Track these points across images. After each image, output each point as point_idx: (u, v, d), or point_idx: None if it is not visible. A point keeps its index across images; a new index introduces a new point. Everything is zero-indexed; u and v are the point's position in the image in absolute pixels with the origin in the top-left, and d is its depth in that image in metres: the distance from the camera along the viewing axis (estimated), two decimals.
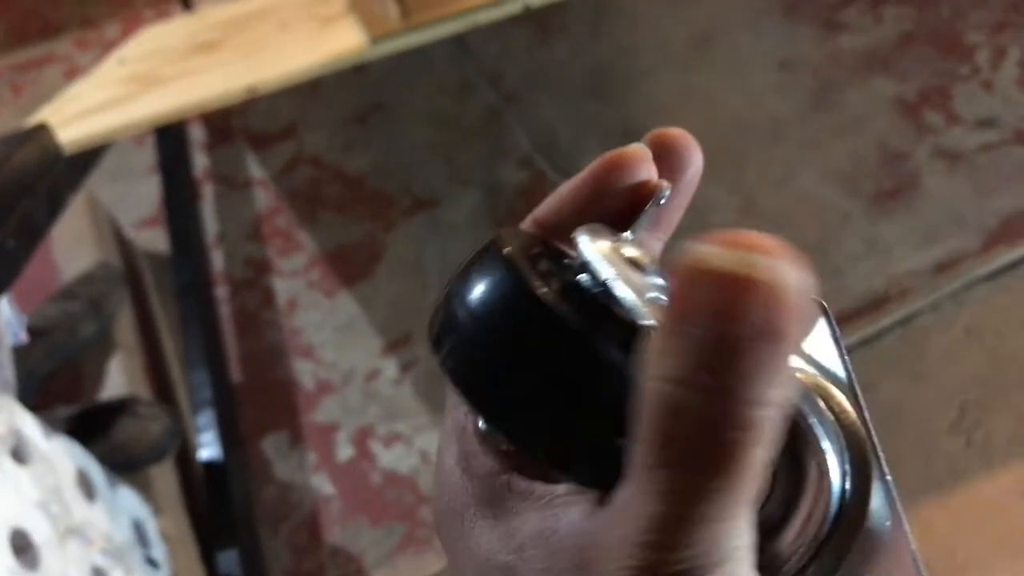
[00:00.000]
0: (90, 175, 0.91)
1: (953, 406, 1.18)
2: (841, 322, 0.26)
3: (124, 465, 1.04)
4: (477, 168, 1.62)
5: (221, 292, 1.52)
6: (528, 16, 1.09)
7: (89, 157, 0.92)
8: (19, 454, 0.82)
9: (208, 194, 1.70)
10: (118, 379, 1.19)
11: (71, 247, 1.37)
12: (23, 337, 0.88)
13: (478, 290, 0.22)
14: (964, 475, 1.13)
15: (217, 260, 1.58)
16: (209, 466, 1.16)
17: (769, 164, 1.49)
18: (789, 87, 1.60)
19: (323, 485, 1.25)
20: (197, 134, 1.81)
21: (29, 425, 0.86)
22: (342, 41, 0.92)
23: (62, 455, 0.89)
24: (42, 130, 0.85)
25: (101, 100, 1.05)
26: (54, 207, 0.80)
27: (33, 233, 0.72)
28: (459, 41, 1.83)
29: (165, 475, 1.14)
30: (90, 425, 1.05)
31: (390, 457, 1.26)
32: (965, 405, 1.18)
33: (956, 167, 1.42)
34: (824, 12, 1.68)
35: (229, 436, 1.20)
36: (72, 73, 2.17)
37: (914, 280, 1.31)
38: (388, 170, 1.67)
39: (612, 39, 1.77)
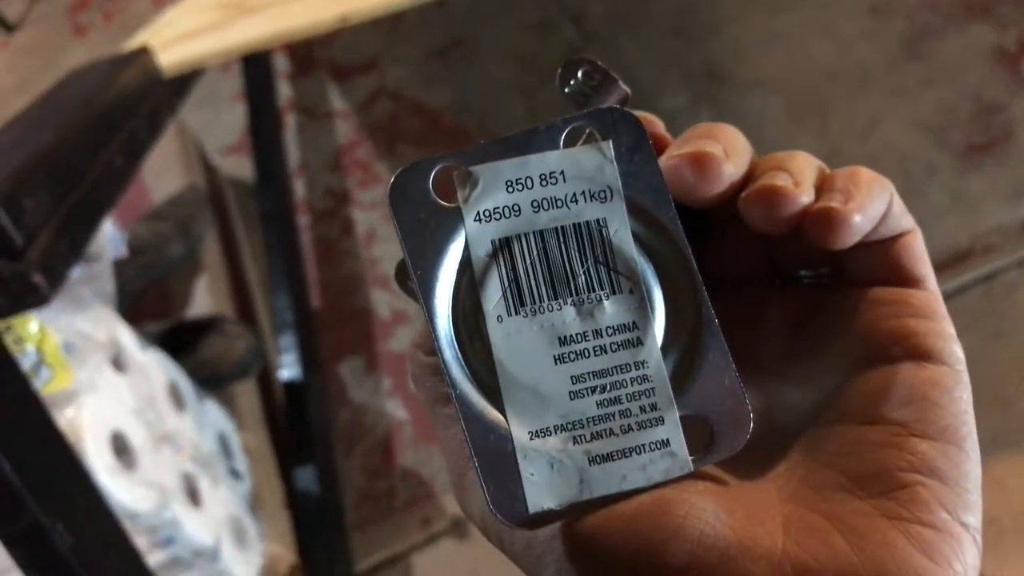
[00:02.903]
0: (186, 99, 0.94)
1: None
2: None
3: (210, 381, 1.09)
4: (557, 109, 1.61)
5: (302, 220, 1.56)
6: None
7: (185, 81, 0.95)
8: (118, 362, 0.87)
9: (291, 124, 1.73)
10: (204, 299, 1.24)
11: (161, 170, 1.42)
12: (124, 252, 0.92)
13: None
14: None
15: (298, 189, 1.62)
16: (289, 386, 1.21)
17: (856, 113, 1.46)
18: (880, 34, 1.55)
19: (397, 410, 1.29)
20: (281, 64, 1.84)
21: (127, 336, 0.90)
22: None
23: (155, 367, 0.94)
24: (143, 53, 0.88)
25: (196, 26, 1.07)
26: (154, 128, 0.83)
27: (136, 152, 0.75)
28: None
29: (248, 392, 1.19)
30: (179, 341, 1.10)
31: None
32: None
33: None
34: None
35: (309, 358, 1.24)
36: (160, 1, 2.21)
37: (1000, 237, 1.28)
38: (467, 106, 1.67)
39: None
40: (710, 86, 1.54)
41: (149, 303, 1.24)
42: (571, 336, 0.23)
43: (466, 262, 0.24)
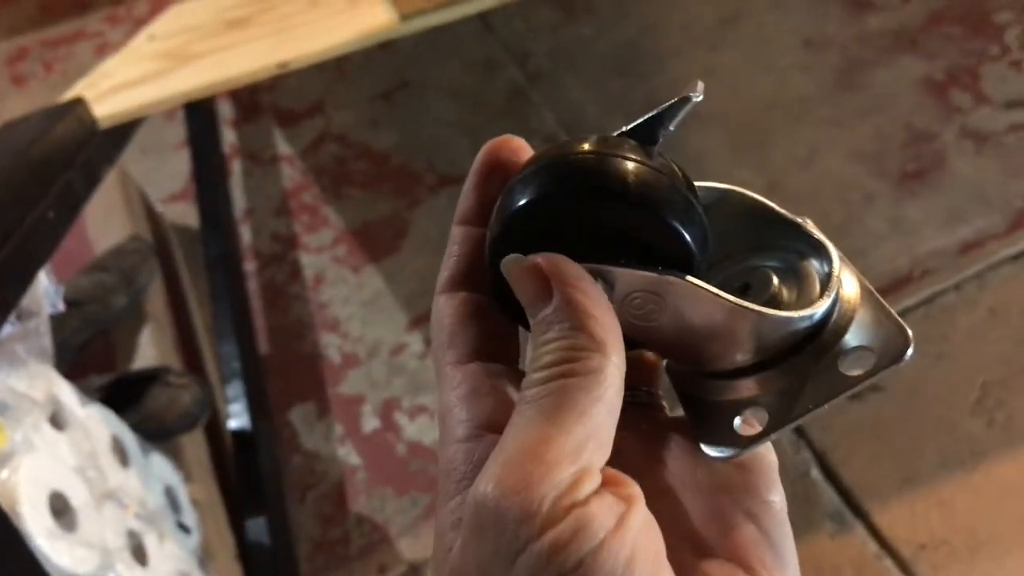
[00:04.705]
0: (125, 149, 0.93)
1: (975, 387, 1.19)
2: None
3: (156, 433, 1.07)
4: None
5: (249, 266, 1.54)
6: None
7: (124, 131, 0.94)
8: (57, 420, 0.85)
9: (236, 169, 1.72)
10: (149, 350, 1.22)
11: (103, 220, 1.40)
12: (61, 306, 0.90)
13: None
14: (986, 455, 1.13)
15: (245, 235, 1.60)
16: (238, 435, 1.19)
17: (794, 143, 1.49)
18: (815, 66, 1.59)
19: (349, 456, 1.28)
20: (226, 110, 1.83)
21: (66, 392, 0.88)
22: (373, 18, 0.93)
23: (97, 422, 0.92)
24: (78, 104, 0.87)
25: (134, 76, 1.07)
26: (91, 180, 0.82)
27: (72, 205, 0.74)
28: (484, 19, 1.84)
29: (195, 444, 1.16)
30: (123, 394, 1.08)
31: (415, 429, 1.28)
32: (987, 386, 1.18)
33: (983, 148, 1.42)
34: None
35: (258, 407, 1.22)
36: (102, 49, 2.19)
37: (938, 260, 1.31)
38: (413, 147, 1.68)
39: (639, 17, 1.76)
40: None
41: (92, 356, 1.21)
42: None
43: None
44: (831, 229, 0.21)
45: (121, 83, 1.03)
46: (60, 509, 0.79)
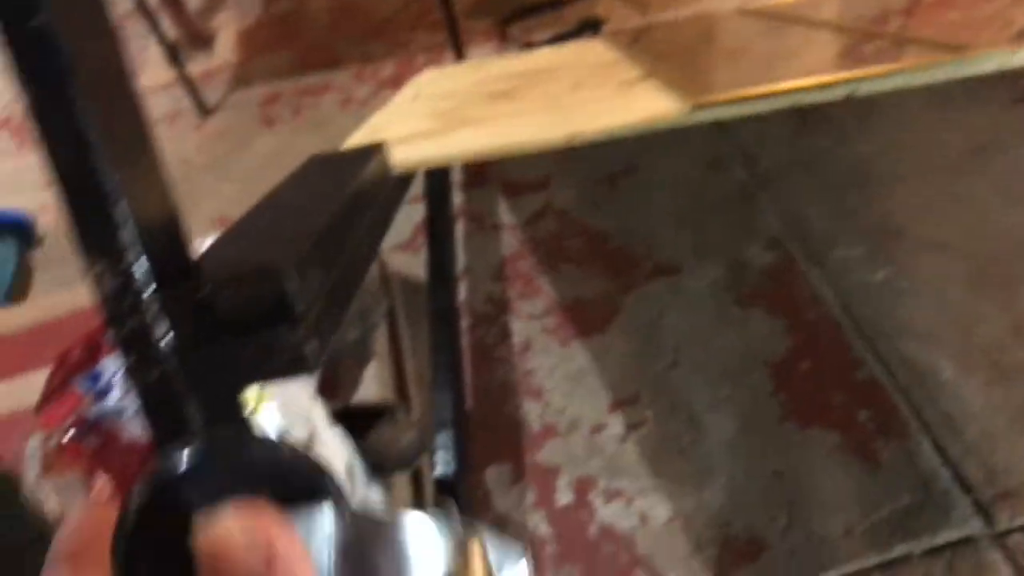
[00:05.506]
0: (406, 196, 0.99)
1: None
2: None
3: (374, 468, 1.10)
4: (723, 243, 1.62)
5: (462, 323, 1.59)
6: None
7: (406, 180, 1.00)
8: (312, 437, 0.90)
9: (459, 230, 1.80)
10: (371, 386, 1.27)
11: None
12: None
13: None
14: None
15: (461, 292, 1.66)
16: (442, 484, 1.21)
17: None
18: None
19: (539, 526, 1.27)
20: (455, 174, 1.92)
21: (319, 411, 0.93)
22: (654, 104, 0.96)
23: (339, 445, 0.96)
24: (380, 149, 0.94)
25: (411, 131, 1.14)
26: (386, 219, 0.87)
27: (375, 239, 0.78)
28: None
29: (402, 485, 1.19)
30: (349, 424, 1.12)
31: (609, 512, 1.26)
32: None
33: None
34: None
35: (462, 459, 1.24)
36: (347, 103, 2.36)
37: None
38: (632, 232, 1.70)
39: (880, 135, 1.74)
40: (886, 241, 1.52)
41: (320, 383, 1.27)
42: None
43: None
44: None
45: (402, 136, 1.10)
46: None
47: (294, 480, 0.27)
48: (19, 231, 2.15)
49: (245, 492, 0.26)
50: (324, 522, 0.27)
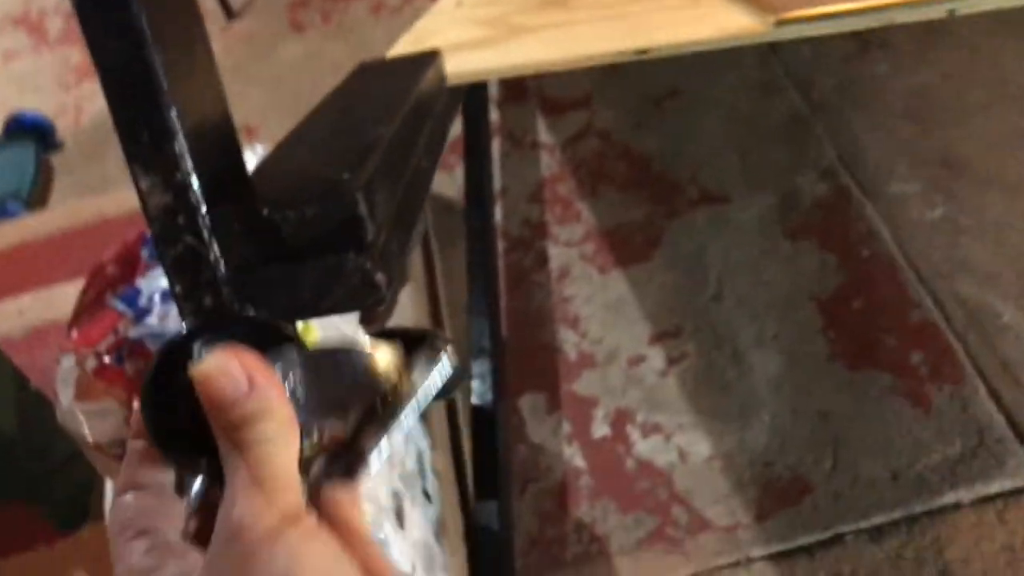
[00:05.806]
0: (458, 108, 0.92)
1: None
2: None
3: None
4: (773, 172, 1.55)
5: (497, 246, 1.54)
6: None
7: (459, 92, 0.93)
8: None
9: (495, 149, 1.73)
10: (407, 310, 1.22)
11: None
12: None
13: None
14: None
15: (495, 214, 1.60)
16: (479, 413, 1.17)
17: None
18: None
19: (575, 457, 1.24)
20: (492, 89, 1.84)
21: (362, 338, 0.88)
22: (731, 18, 0.88)
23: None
24: (436, 57, 0.87)
25: (461, 39, 1.06)
26: (443, 134, 0.81)
27: (434, 155, 0.73)
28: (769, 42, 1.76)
29: (438, 412, 1.16)
30: None
31: (646, 446, 1.23)
32: None
33: None
34: None
35: (499, 387, 1.21)
36: (378, 9, 2.26)
37: None
38: (677, 157, 1.63)
39: (940, 63, 1.64)
40: (946, 176, 1.45)
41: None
42: None
43: None
44: None
45: (452, 44, 1.03)
46: None
47: (266, 332, 0.34)
48: (37, 134, 2.08)
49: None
50: (289, 357, 0.33)
